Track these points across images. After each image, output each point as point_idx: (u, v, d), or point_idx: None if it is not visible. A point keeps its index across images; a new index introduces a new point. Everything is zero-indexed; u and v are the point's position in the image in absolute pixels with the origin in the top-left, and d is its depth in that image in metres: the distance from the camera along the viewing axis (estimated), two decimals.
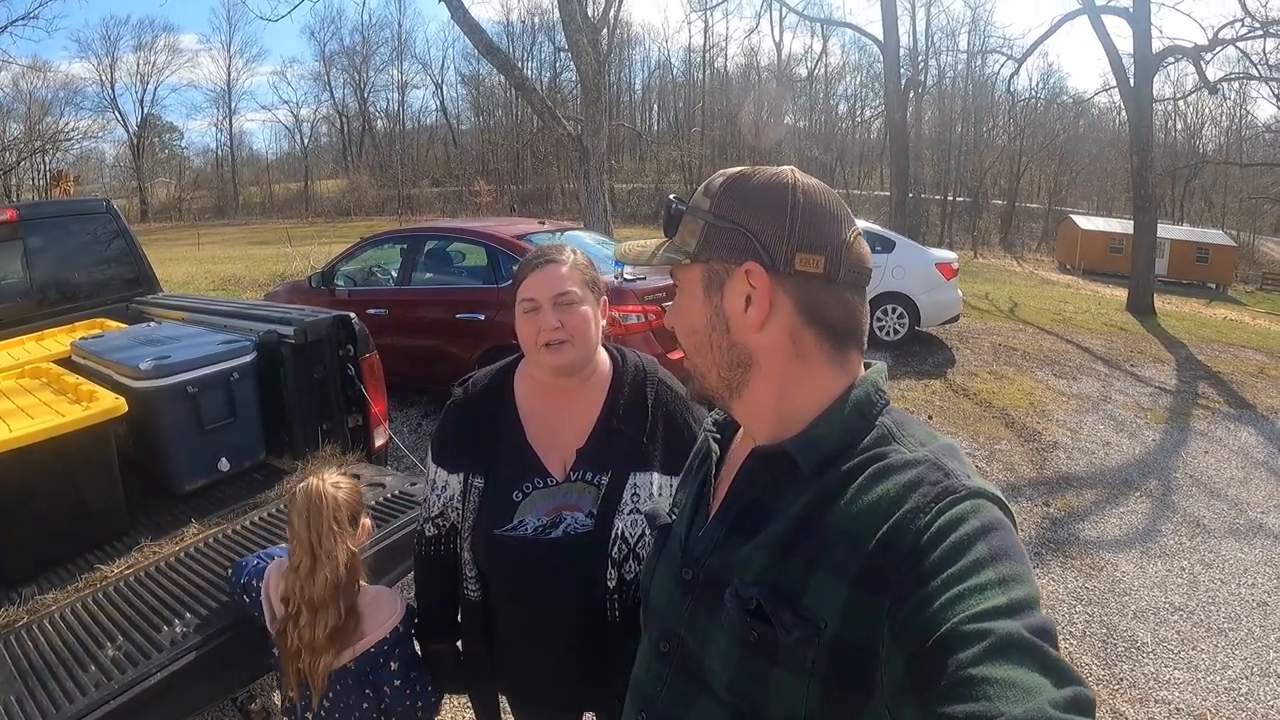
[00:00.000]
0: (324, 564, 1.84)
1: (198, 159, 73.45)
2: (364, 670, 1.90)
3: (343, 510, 1.90)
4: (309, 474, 1.95)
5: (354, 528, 1.93)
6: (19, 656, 2.30)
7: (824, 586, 0.84)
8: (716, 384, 1.01)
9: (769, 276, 0.92)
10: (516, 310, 1.70)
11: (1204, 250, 35.43)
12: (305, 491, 1.89)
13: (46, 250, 4.63)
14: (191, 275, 18.68)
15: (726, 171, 1.00)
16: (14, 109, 51.14)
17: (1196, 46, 17.88)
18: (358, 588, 1.92)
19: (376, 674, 1.92)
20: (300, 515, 1.86)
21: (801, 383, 0.96)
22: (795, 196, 0.93)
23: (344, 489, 1.94)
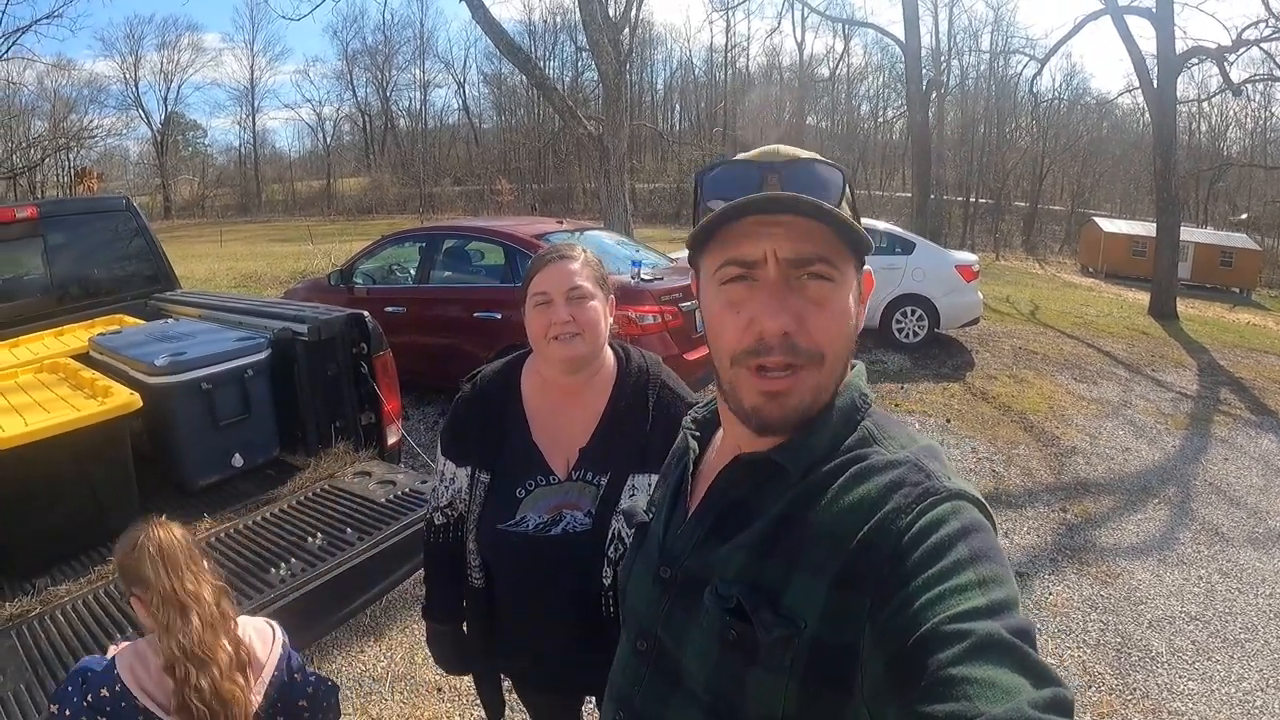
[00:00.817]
0: (194, 608, 1.73)
1: (221, 156, 74.10)
2: (276, 698, 1.85)
3: (189, 547, 1.81)
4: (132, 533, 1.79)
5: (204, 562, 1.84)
6: (30, 646, 2.35)
7: (804, 586, 0.84)
8: (830, 396, 0.93)
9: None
10: (527, 305, 1.73)
11: (1228, 254, 34.94)
12: (149, 543, 1.75)
13: (67, 247, 4.69)
14: (213, 272, 18.85)
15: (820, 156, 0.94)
16: (39, 106, 51.69)
17: (1220, 47, 17.65)
18: (234, 622, 1.83)
19: (290, 693, 1.88)
20: (154, 568, 1.72)
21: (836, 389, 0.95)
22: None
23: (175, 527, 1.83)
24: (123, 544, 1.78)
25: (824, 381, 0.90)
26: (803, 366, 0.88)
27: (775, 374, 0.88)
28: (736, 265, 0.89)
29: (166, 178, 64.30)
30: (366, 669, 3.51)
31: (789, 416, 0.90)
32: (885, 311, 10.14)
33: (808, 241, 0.86)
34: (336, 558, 2.79)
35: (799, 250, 0.86)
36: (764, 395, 0.90)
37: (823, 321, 0.88)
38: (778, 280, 0.87)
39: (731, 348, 0.91)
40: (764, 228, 0.87)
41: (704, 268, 0.95)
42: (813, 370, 0.89)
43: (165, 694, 1.70)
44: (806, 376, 0.89)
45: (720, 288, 0.92)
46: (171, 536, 1.78)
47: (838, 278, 0.88)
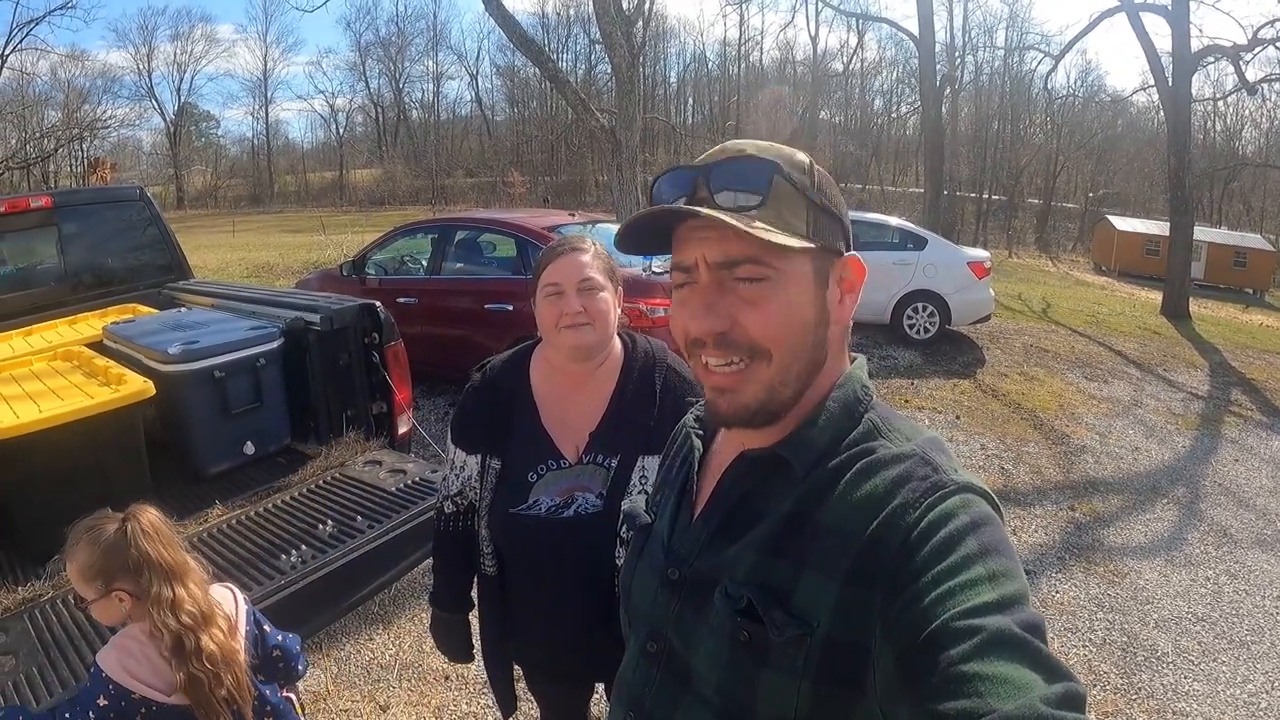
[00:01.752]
0: (187, 575, 1.79)
1: (234, 147, 74.41)
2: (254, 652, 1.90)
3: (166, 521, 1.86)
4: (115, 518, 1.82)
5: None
6: (43, 629, 2.37)
7: (815, 585, 0.84)
8: (793, 393, 0.92)
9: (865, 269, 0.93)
10: (538, 295, 1.76)
11: (1241, 254, 34.75)
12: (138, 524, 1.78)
13: (81, 236, 4.73)
14: (226, 262, 18.91)
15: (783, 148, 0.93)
16: (52, 97, 51.99)
17: (1236, 46, 17.51)
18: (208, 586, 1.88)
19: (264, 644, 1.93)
20: (151, 545, 1.76)
21: (828, 379, 0.96)
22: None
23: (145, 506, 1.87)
24: (98, 540, 1.76)
25: (777, 377, 0.90)
26: (748, 363, 0.89)
27: (720, 369, 0.91)
28: (679, 270, 0.93)
29: (179, 168, 64.63)
30: (375, 657, 3.54)
31: (739, 412, 0.91)
32: (896, 307, 10.11)
33: (734, 243, 0.86)
34: (346, 545, 2.81)
35: (725, 253, 0.87)
36: (714, 390, 0.93)
37: (759, 319, 0.88)
38: (708, 284, 0.90)
39: (681, 341, 0.96)
40: (696, 232, 0.89)
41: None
42: (759, 366, 0.89)
43: (161, 677, 1.72)
44: (753, 373, 0.90)
45: (674, 289, 0.96)
46: (155, 514, 1.82)
47: (773, 275, 0.88)
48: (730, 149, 0.93)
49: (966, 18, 58.50)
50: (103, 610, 1.77)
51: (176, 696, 1.71)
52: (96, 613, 1.79)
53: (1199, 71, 19.13)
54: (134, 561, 1.73)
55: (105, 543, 1.75)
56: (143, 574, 1.73)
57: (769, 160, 0.90)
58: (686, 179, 0.92)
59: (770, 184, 0.88)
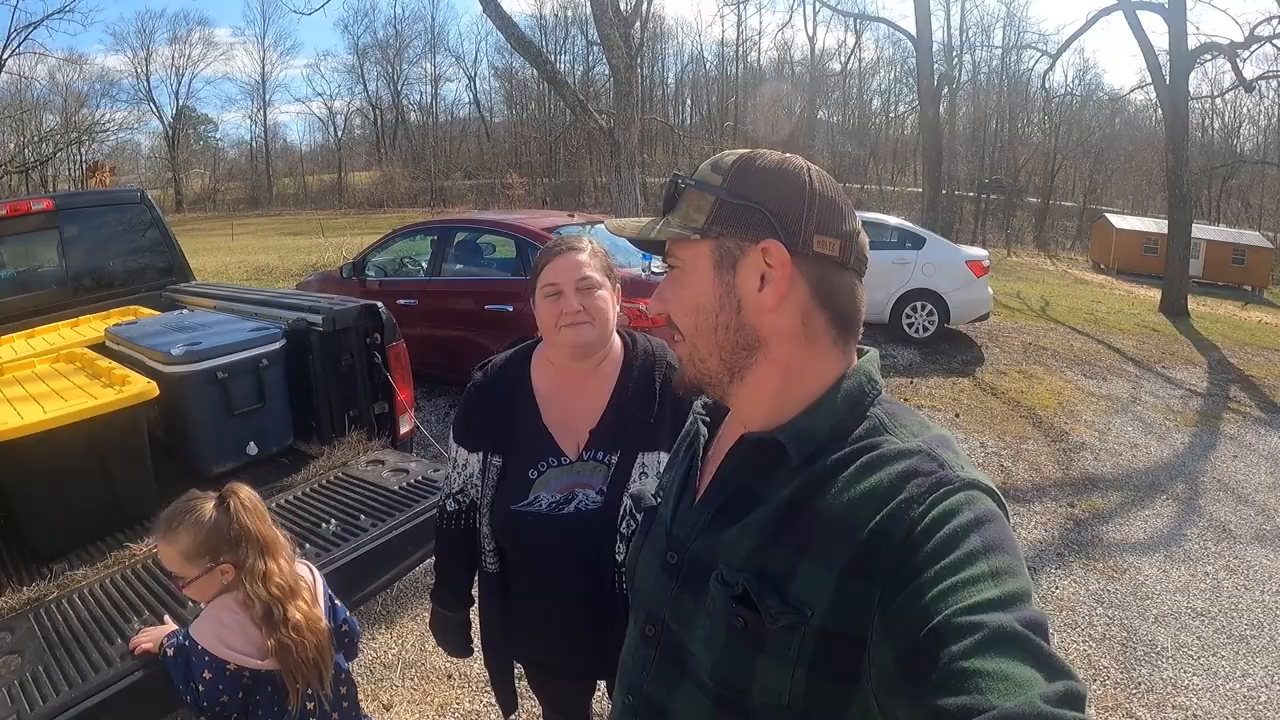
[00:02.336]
0: (279, 550, 1.94)
1: (232, 150, 74.25)
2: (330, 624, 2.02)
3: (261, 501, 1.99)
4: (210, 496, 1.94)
5: None
6: (49, 629, 2.38)
7: (812, 574, 0.84)
8: (716, 368, 0.98)
9: (789, 256, 0.92)
10: (537, 295, 1.78)
11: (1240, 252, 34.73)
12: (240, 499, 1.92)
13: (82, 239, 4.74)
14: (225, 265, 18.91)
15: (734, 151, 0.99)
16: (51, 101, 52.01)
17: (1232, 43, 17.53)
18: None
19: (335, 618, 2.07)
20: (251, 519, 1.90)
21: (806, 367, 0.95)
22: (809, 180, 0.94)
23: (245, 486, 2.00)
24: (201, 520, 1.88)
25: (691, 352, 1.00)
26: (680, 339, 1.02)
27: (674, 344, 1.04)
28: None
29: (178, 171, 64.58)
30: (378, 656, 3.55)
31: (679, 381, 1.06)
32: (895, 306, 10.13)
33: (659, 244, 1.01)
34: (350, 543, 2.82)
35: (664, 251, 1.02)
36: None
37: (675, 302, 1.00)
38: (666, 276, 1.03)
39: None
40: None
41: None
42: (681, 343, 1.02)
43: (255, 644, 1.84)
44: (680, 347, 1.02)
45: None
46: (251, 493, 1.96)
47: (680, 264, 0.99)
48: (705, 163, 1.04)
49: (964, 17, 58.54)
50: (203, 586, 1.90)
51: (269, 662, 1.83)
52: (195, 590, 1.92)
53: (1196, 69, 19.21)
54: (235, 535, 1.87)
55: (210, 521, 1.88)
56: (240, 546, 1.87)
57: (676, 176, 1.03)
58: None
59: (671, 194, 1.02)
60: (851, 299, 0.96)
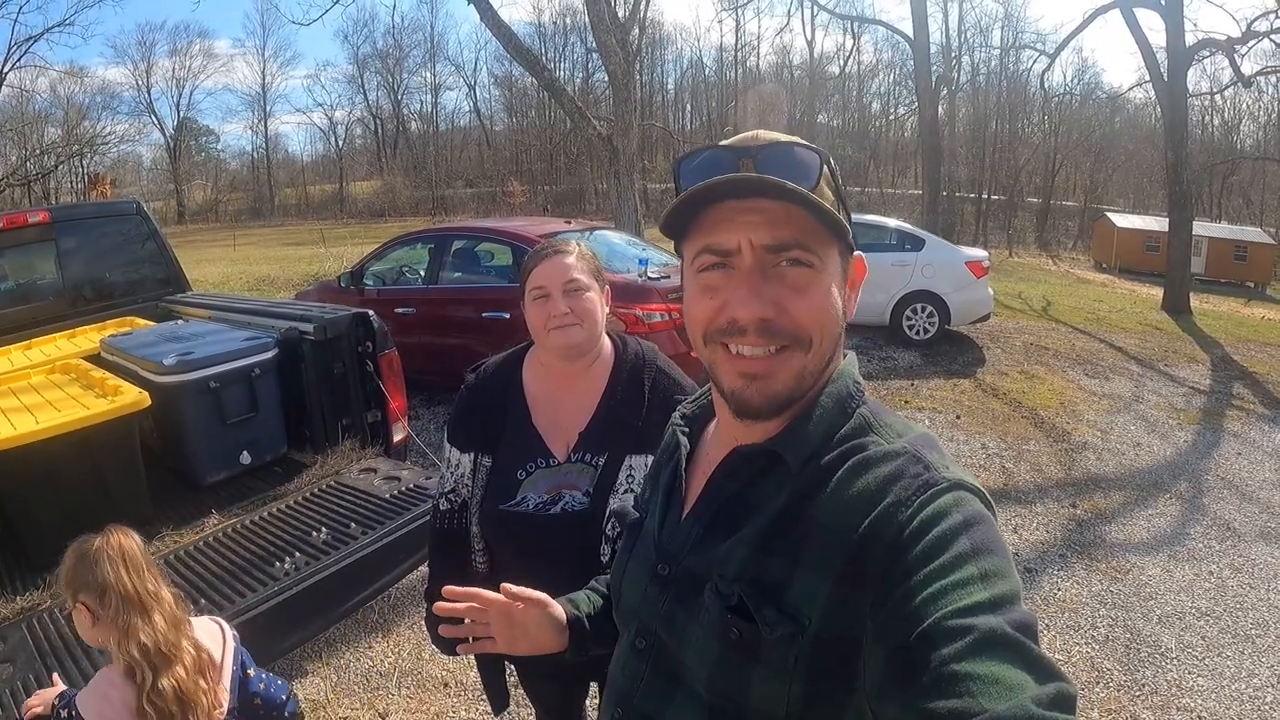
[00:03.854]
0: (155, 608, 1.77)
1: (234, 161, 74.34)
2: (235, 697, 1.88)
3: (146, 553, 1.87)
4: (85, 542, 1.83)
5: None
6: (40, 638, 2.39)
7: (808, 582, 0.83)
8: (814, 382, 0.92)
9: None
10: (526, 299, 1.80)
11: (1242, 248, 34.71)
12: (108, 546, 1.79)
13: (79, 250, 4.75)
14: (226, 276, 18.94)
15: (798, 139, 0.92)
16: (52, 113, 52.15)
17: (1230, 39, 17.51)
18: (189, 625, 1.87)
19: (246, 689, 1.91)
20: (114, 568, 1.75)
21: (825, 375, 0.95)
22: None
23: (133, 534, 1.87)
24: (74, 552, 1.80)
25: (809, 365, 0.89)
26: (786, 348, 0.88)
27: (754, 355, 0.88)
28: (712, 253, 0.90)
29: (180, 183, 64.78)
30: (374, 664, 3.53)
31: (771, 400, 0.89)
32: (895, 308, 10.10)
33: (784, 227, 0.85)
34: (340, 552, 2.82)
35: (776, 236, 0.86)
36: (743, 377, 0.90)
37: (804, 306, 0.87)
38: (753, 268, 0.87)
39: (704, 327, 0.91)
40: (739, 214, 0.86)
41: (685, 254, 0.96)
42: (797, 353, 0.88)
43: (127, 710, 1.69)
44: (789, 359, 0.88)
45: (698, 274, 0.92)
46: (132, 541, 1.83)
47: (817, 264, 0.87)
48: (767, 136, 0.91)
49: (961, 18, 58.61)
50: (76, 621, 1.79)
51: None
52: (75, 623, 1.81)
53: (1194, 66, 19.15)
54: (98, 581, 1.74)
55: (75, 556, 1.78)
56: (106, 595, 1.73)
57: (819, 150, 0.90)
58: (728, 160, 0.90)
59: (820, 174, 0.89)
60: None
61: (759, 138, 0.92)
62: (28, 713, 2.01)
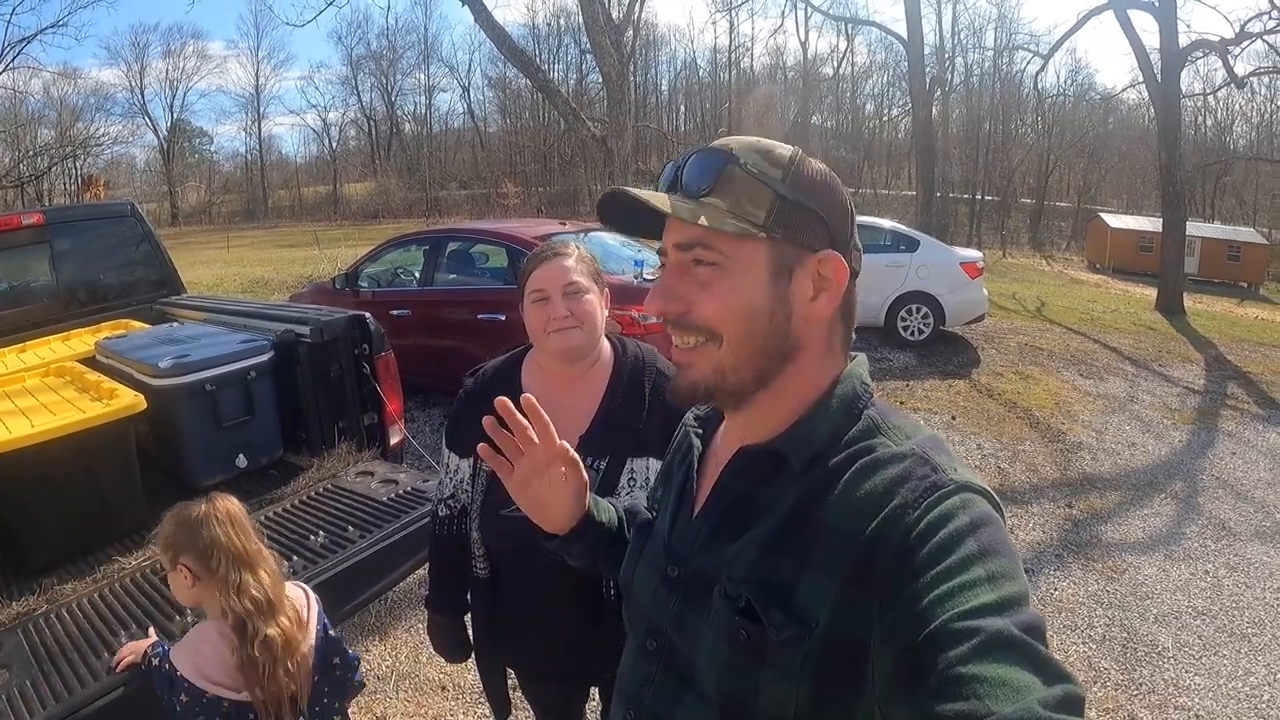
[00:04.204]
0: (261, 564, 1.90)
1: (227, 163, 74.10)
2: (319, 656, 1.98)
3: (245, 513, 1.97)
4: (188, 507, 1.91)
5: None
6: (36, 643, 2.37)
7: (815, 584, 0.83)
8: (748, 377, 0.93)
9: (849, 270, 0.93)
10: (525, 301, 1.79)
11: (1235, 248, 34.86)
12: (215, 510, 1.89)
13: (73, 253, 4.73)
14: (221, 277, 18.89)
15: (775, 142, 0.95)
16: (45, 115, 52.00)
17: (1223, 40, 17.56)
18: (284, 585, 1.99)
19: (326, 651, 2.00)
20: (223, 529, 1.86)
21: (817, 376, 0.95)
22: (845, 191, 0.96)
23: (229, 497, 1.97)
24: (174, 518, 1.89)
25: (727, 360, 0.92)
26: (703, 343, 0.93)
27: (679, 346, 0.95)
28: (661, 254, 0.97)
29: (173, 185, 64.67)
30: (372, 668, 3.52)
31: (690, 389, 0.95)
32: (890, 309, 10.12)
33: (687, 229, 0.91)
34: (338, 555, 2.81)
35: (679, 238, 0.93)
36: (676, 365, 0.98)
37: (708, 302, 0.91)
38: (672, 267, 0.94)
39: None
40: (670, 219, 0.94)
41: None
42: (710, 348, 0.92)
43: (232, 675, 1.79)
44: (705, 353, 0.93)
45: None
46: (235, 504, 1.94)
47: (723, 261, 0.90)
48: (715, 144, 0.95)
49: (955, 19, 58.51)
50: (175, 584, 1.89)
51: (246, 694, 1.79)
52: (171, 585, 1.91)
53: (1188, 67, 19.23)
54: (204, 543, 1.84)
55: (181, 519, 1.86)
56: (212, 556, 1.83)
57: (724, 151, 0.92)
58: (671, 169, 0.96)
59: (719, 173, 0.91)
60: (854, 309, 0.99)
61: (705, 146, 0.95)
62: (119, 663, 2.11)
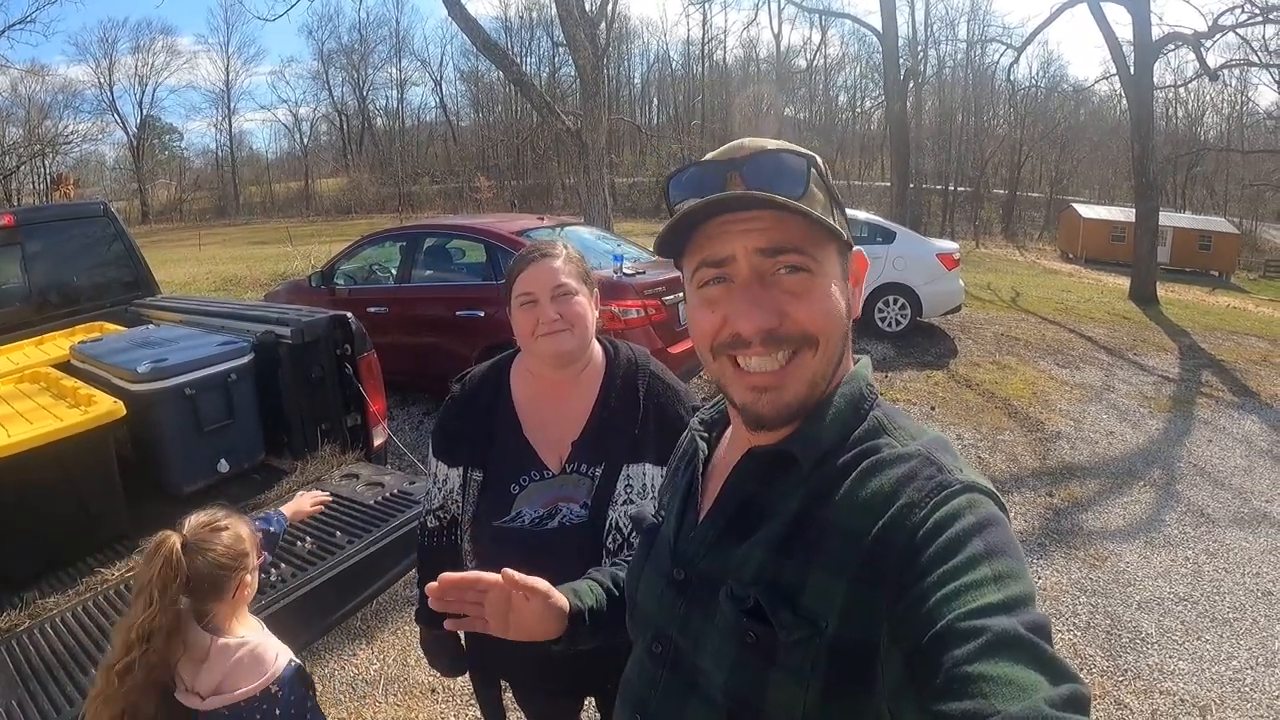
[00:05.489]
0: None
1: (198, 160, 73.56)
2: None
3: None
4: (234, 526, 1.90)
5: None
6: (20, 661, 2.32)
7: (823, 585, 0.83)
8: (828, 383, 0.92)
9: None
10: (512, 305, 1.73)
11: (1206, 238, 35.35)
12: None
13: (45, 254, 4.64)
14: (193, 276, 18.71)
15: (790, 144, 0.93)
16: (13, 113, 51.37)
17: (1196, 33, 17.79)
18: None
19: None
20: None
21: (837, 376, 0.95)
22: None
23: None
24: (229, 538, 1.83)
25: (820, 368, 0.90)
26: (796, 355, 0.89)
27: (759, 370, 0.89)
28: (710, 267, 0.91)
29: (143, 182, 63.99)
30: (359, 672, 3.49)
31: (783, 411, 0.90)
32: (867, 301, 10.12)
33: (778, 232, 0.87)
34: (326, 561, 2.76)
35: (771, 240, 0.87)
36: (753, 391, 0.91)
37: (806, 309, 0.88)
38: (750, 277, 0.88)
39: (710, 341, 0.93)
40: (733, 225, 0.88)
41: (684, 270, 0.97)
42: (806, 358, 0.89)
43: None
44: (799, 367, 0.89)
45: (699, 290, 0.93)
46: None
47: (814, 266, 0.88)
48: (753, 145, 0.92)
49: (928, 11, 59.23)
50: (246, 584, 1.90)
51: None
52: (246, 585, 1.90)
53: (1160, 59, 19.40)
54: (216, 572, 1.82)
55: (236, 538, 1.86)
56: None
57: (806, 155, 0.90)
58: (716, 174, 0.91)
59: (808, 179, 0.89)
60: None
61: (744, 148, 0.92)
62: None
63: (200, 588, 1.77)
